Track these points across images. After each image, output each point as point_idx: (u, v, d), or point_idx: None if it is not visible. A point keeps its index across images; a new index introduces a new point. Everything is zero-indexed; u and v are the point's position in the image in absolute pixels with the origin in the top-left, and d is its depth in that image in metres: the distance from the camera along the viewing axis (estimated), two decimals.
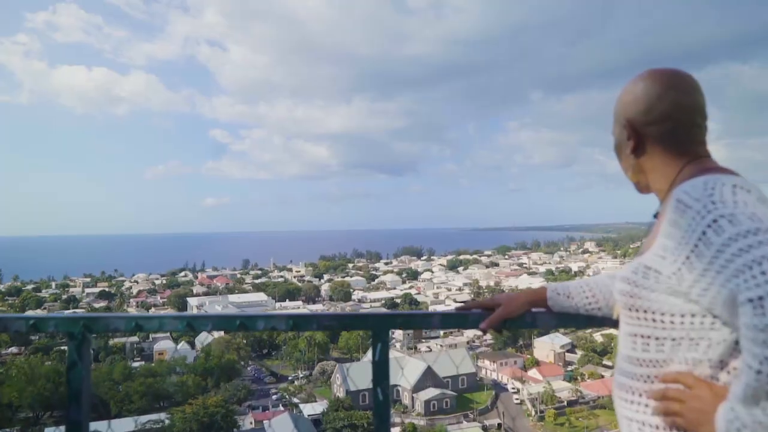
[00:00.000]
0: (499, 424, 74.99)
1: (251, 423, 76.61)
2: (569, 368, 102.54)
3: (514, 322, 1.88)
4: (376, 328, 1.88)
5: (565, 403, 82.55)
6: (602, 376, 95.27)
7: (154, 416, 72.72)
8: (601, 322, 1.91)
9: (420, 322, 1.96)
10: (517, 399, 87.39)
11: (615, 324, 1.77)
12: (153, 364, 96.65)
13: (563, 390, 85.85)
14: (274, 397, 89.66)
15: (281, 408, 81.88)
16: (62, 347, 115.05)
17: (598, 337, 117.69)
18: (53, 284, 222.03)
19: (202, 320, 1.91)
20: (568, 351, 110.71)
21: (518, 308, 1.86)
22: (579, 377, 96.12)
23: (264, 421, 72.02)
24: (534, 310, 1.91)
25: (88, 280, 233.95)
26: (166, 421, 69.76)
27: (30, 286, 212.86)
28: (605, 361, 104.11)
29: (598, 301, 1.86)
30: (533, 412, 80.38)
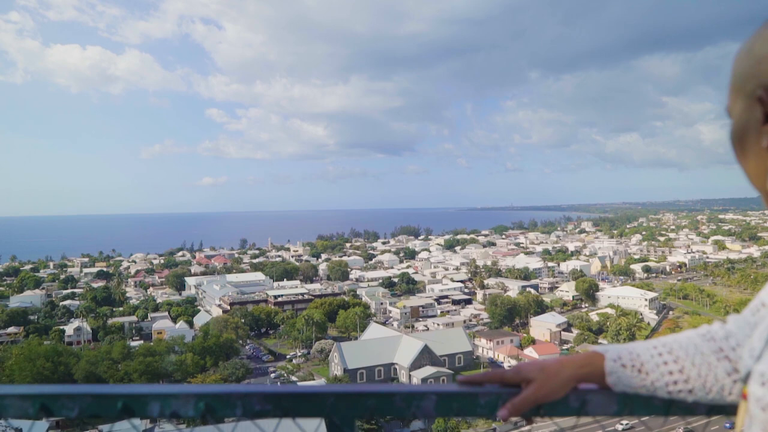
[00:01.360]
0: None
1: None
2: (565, 347, 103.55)
3: (552, 407, 1.25)
4: (336, 416, 1.27)
5: None
6: None
7: None
8: (690, 409, 1.23)
9: (404, 405, 1.28)
10: None
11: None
12: (152, 344, 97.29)
13: None
14: (272, 375, 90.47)
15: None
16: (62, 326, 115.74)
17: (594, 316, 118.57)
18: (51, 264, 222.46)
19: (65, 400, 1.25)
20: (564, 330, 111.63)
21: (559, 387, 1.23)
22: None
23: None
24: (583, 387, 1.26)
25: (86, 260, 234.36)
26: None
27: (28, 266, 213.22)
28: (601, 340, 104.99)
29: (689, 379, 1.19)
30: None
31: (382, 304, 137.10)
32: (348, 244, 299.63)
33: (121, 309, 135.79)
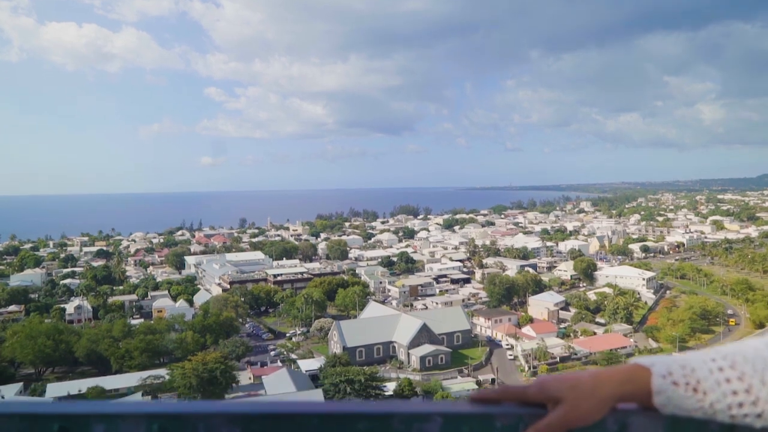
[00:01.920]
0: (493, 380, 76.82)
1: (250, 378, 78.13)
2: (562, 325, 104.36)
3: None
4: None
5: (558, 359, 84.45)
6: (595, 333, 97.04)
7: (154, 372, 74.21)
8: None
9: (403, 428, 1.06)
10: (510, 355, 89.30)
11: None
12: (152, 322, 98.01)
13: (556, 346, 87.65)
14: (272, 353, 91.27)
15: (279, 364, 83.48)
16: (62, 305, 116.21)
17: (591, 295, 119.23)
18: (51, 243, 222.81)
19: None
20: (561, 309, 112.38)
21: (594, 409, 1.01)
22: (572, 334, 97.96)
23: (262, 377, 73.55)
24: (623, 407, 1.05)
25: (86, 239, 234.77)
26: (167, 377, 71.19)
27: (28, 246, 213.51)
28: (598, 319, 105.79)
29: (757, 401, 0.97)
30: (526, 368, 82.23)
31: (381, 283, 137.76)
32: (347, 224, 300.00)
33: (121, 288, 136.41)
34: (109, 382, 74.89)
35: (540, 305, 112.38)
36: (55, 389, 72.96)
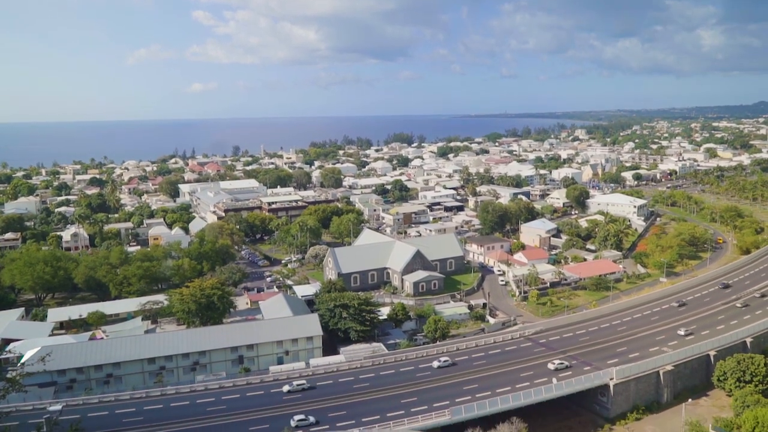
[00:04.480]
0: (485, 304, 78.87)
1: (247, 303, 79.94)
2: (554, 252, 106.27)
3: None
4: None
5: (548, 285, 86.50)
6: (585, 259, 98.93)
7: (153, 297, 75.71)
8: None
9: None
10: (502, 281, 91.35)
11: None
12: (149, 249, 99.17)
13: (547, 272, 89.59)
14: (268, 279, 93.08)
15: (275, 289, 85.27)
16: (59, 233, 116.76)
17: (583, 222, 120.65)
18: (43, 171, 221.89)
19: None
20: (553, 236, 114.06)
21: None
22: (563, 260, 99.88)
23: (259, 302, 75.24)
24: None
25: (78, 167, 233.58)
26: (165, 302, 72.71)
27: (20, 173, 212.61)
28: (589, 245, 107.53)
29: None
30: (517, 293, 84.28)
31: (375, 210, 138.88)
32: (341, 152, 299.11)
33: (116, 215, 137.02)
34: (109, 307, 76.52)
35: (532, 232, 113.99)
36: (56, 314, 74.62)
